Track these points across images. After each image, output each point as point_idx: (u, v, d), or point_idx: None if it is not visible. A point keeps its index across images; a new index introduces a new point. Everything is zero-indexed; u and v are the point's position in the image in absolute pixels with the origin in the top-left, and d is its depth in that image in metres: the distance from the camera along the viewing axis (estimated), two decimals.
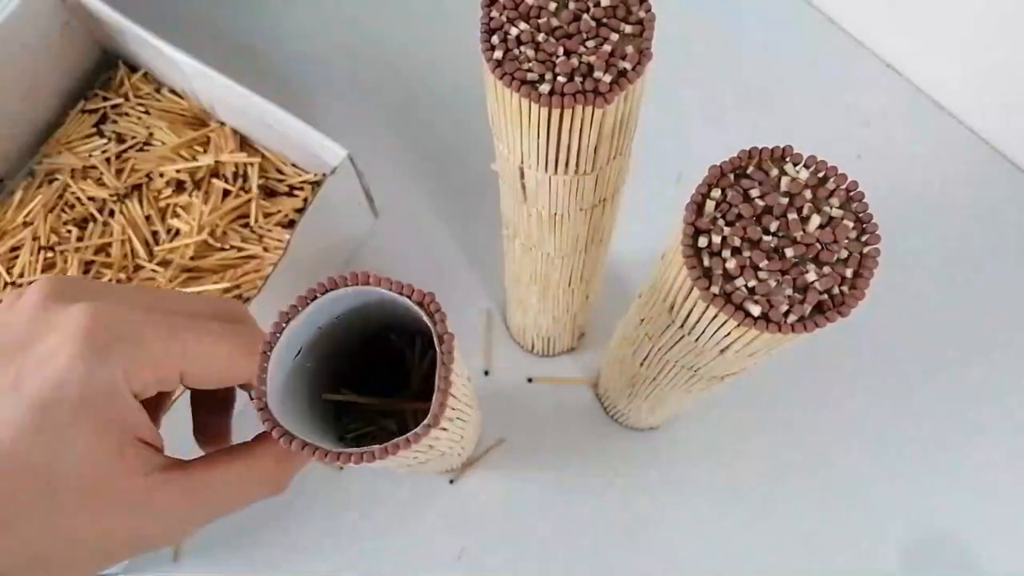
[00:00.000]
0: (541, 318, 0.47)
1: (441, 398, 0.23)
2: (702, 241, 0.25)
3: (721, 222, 0.25)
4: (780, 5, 0.64)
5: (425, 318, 0.24)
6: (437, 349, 0.23)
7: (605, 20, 0.26)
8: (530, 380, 0.55)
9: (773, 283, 0.25)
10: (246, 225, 0.54)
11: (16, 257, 0.54)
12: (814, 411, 0.53)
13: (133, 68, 0.59)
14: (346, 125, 0.61)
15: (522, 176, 0.31)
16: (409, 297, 0.24)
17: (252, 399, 0.24)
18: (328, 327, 0.27)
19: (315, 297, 0.24)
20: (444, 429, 0.26)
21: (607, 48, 0.26)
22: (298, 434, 0.23)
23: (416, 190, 0.60)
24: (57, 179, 0.56)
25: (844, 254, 0.25)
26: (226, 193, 0.55)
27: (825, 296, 0.25)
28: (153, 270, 0.53)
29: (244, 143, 0.56)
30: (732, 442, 0.52)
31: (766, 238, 0.25)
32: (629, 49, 0.26)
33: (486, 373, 0.55)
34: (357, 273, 0.24)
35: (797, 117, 0.61)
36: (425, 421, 0.23)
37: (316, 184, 0.55)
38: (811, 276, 0.25)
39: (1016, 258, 0.56)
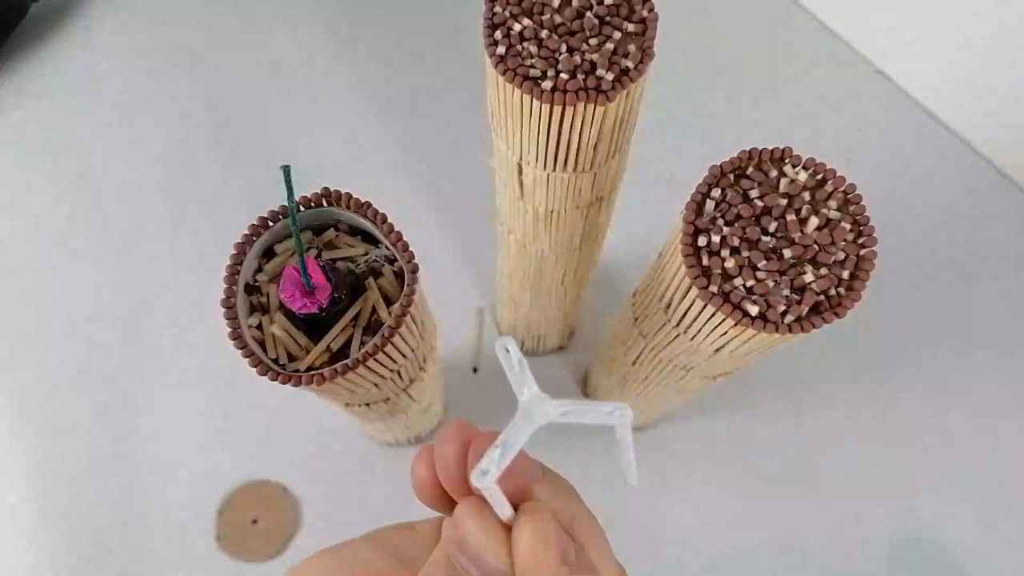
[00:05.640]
0: (533, 316, 0.47)
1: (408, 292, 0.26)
2: (701, 240, 0.25)
3: (720, 222, 0.26)
4: (775, 10, 0.65)
5: (367, 223, 0.27)
6: (397, 255, 0.27)
7: (608, 18, 0.26)
8: None
9: (771, 283, 0.25)
10: None
11: None
12: (805, 412, 0.53)
13: None
14: (342, 120, 0.61)
15: (520, 172, 0.31)
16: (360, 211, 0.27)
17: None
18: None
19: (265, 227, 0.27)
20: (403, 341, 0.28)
21: (610, 46, 0.26)
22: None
23: (409, 187, 0.59)
24: None
25: (841, 256, 0.25)
26: None
27: (822, 297, 0.25)
28: None
29: None
30: (722, 442, 0.53)
31: (765, 238, 0.25)
32: (631, 48, 0.26)
33: (475, 371, 0.55)
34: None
35: (788, 121, 0.61)
36: (395, 311, 0.26)
37: None
38: (809, 277, 0.25)
39: (1003, 262, 0.57)
